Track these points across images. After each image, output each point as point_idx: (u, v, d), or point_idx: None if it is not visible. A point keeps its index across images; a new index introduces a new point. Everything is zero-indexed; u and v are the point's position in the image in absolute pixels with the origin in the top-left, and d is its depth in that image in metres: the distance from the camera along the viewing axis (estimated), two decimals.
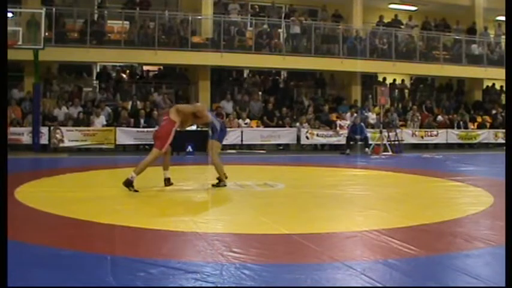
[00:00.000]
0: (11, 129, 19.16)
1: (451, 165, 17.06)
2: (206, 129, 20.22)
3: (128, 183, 9.88)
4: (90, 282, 4.80)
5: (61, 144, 19.84)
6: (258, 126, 23.07)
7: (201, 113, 10.84)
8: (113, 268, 5.14)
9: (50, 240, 6.38)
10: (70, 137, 20.02)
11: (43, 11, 19.53)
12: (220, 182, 10.93)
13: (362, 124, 21.86)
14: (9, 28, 18.78)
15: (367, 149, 20.92)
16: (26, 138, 19.54)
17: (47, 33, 20.19)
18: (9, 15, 20.41)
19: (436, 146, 24.93)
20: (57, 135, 19.75)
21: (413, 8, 29.91)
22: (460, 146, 25.23)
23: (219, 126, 11.14)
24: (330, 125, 23.32)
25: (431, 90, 30.75)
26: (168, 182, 10.72)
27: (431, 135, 24.82)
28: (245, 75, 28.22)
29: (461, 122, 25.93)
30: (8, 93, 21.22)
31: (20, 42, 18.72)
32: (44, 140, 19.62)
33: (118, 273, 5.00)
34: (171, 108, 11.10)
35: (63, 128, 20.02)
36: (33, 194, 9.35)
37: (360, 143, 21.24)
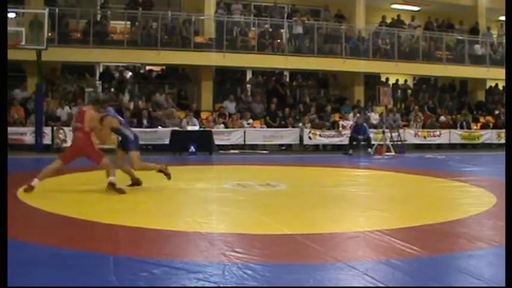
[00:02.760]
0: (14, 129, 19.20)
1: (454, 166, 17.04)
2: (209, 129, 20.46)
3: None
4: (92, 282, 4.80)
5: (64, 145, 19.77)
6: (260, 127, 23.05)
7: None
8: (115, 268, 5.14)
9: (52, 240, 6.39)
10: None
11: (46, 12, 19.54)
12: (166, 175, 10.57)
13: (365, 124, 21.84)
14: (12, 28, 18.84)
15: (369, 149, 20.90)
16: (29, 138, 19.55)
17: (49, 34, 20.20)
18: (12, 15, 20.44)
19: (439, 147, 24.90)
20: (60, 136, 19.74)
21: (416, 8, 29.90)
22: (462, 147, 25.19)
23: (132, 135, 10.58)
24: (333, 125, 23.31)
25: (434, 91, 30.71)
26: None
27: (434, 136, 24.79)
28: (248, 75, 28.19)
29: (464, 123, 25.89)
30: (10, 94, 21.29)
31: (23, 43, 18.74)
32: (47, 140, 19.61)
33: (120, 273, 5.01)
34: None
35: (66, 128, 19.98)
36: (35, 194, 9.35)
37: (362, 143, 21.22)
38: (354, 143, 21.23)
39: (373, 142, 21.31)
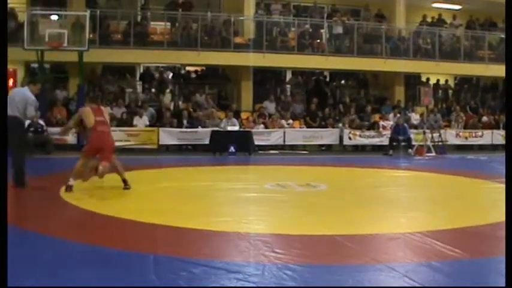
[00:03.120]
0: (57, 130, 19.54)
1: (496, 167, 16.74)
2: (248, 129, 20.50)
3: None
4: (133, 281, 4.85)
5: None
6: (300, 127, 23.01)
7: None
8: (156, 267, 5.19)
9: (93, 238, 6.46)
10: (113, 137, 20.13)
11: (87, 14, 19.81)
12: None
13: (405, 125, 21.64)
14: (55, 30, 19.35)
15: (410, 150, 20.71)
16: (71, 138, 19.79)
17: (91, 35, 20.44)
18: (55, 18, 20.85)
19: (481, 148, 24.46)
20: None
21: (458, 7, 29.46)
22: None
23: None
24: (373, 125, 23.15)
25: (476, 91, 30.25)
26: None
27: (475, 136, 24.41)
28: (288, 75, 28.18)
29: None
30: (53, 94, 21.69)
31: (65, 44, 19.04)
32: None
33: (161, 272, 5.05)
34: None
35: None
36: (77, 193, 9.47)
37: (403, 144, 21.01)
38: (394, 143, 21.04)
39: (413, 143, 21.11)
